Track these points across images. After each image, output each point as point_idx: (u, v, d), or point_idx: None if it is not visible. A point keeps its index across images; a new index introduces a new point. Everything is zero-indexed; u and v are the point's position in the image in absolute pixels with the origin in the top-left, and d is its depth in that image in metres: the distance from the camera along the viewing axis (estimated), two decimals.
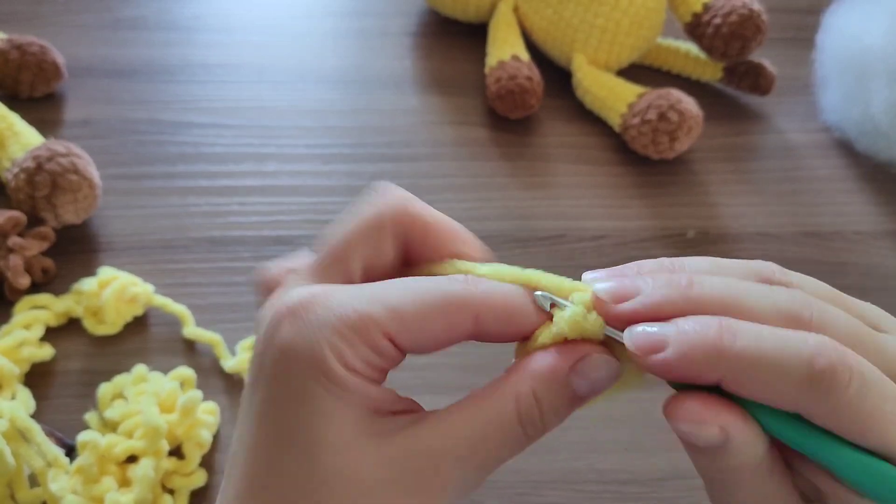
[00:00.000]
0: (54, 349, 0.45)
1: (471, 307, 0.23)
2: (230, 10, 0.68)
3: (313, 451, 0.22)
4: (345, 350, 0.22)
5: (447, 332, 0.23)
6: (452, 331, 0.23)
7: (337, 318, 0.22)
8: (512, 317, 0.23)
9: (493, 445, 0.23)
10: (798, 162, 0.63)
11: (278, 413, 0.22)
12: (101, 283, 0.47)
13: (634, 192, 0.58)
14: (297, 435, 0.22)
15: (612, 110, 0.60)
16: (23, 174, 0.47)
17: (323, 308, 0.22)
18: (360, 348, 0.22)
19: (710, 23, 0.61)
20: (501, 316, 0.23)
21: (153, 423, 0.40)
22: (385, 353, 0.22)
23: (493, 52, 0.62)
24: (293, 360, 0.22)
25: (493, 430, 0.22)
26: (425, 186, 0.56)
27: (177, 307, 0.47)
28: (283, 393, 0.22)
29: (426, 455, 0.22)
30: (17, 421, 0.39)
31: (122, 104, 0.59)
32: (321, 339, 0.22)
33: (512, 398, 0.23)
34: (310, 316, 0.22)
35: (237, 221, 0.53)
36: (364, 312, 0.22)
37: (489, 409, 0.23)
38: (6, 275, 0.46)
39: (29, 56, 0.56)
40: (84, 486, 0.39)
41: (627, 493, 0.44)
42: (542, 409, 0.23)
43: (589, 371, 0.23)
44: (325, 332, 0.22)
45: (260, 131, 0.59)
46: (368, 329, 0.22)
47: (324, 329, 0.22)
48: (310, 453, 0.22)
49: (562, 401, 0.23)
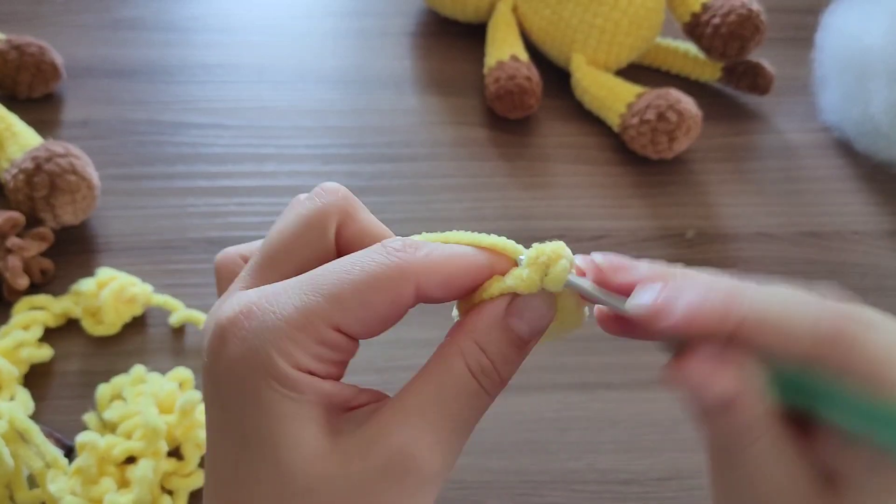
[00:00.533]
0: (53, 350, 0.45)
1: (410, 276, 0.22)
2: (230, 11, 0.68)
3: (276, 457, 0.21)
4: (292, 350, 0.21)
5: (392, 306, 0.22)
6: (397, 303, 0.22)
7: (279, 319, 0.22)
8: (453, 278, 0.23)
9: (454, 407, 0.22)
10: (797, 162, 0.63)
11: (237, 424, 0.22)
12: (99, 283, 0.47)
13: (633, 192, 0.58)
14: (259, 443, 0.22)
15: (610, 110, 0.60)
16: (21, 175, 0.47)
17: (263, 312, 0.22)
18: (308, 345, 0.22)
19: (709, 23, 0.61)
20: (443, 279, 0.23)
21: (152, 424, 0.40)
22: (335, 345, 0.22)
23: (491, 53, 0.62)
24: (243, 369, 0.22)
25: (449, 392, 0.22)
26: (425, 186, 0.56)
27: (173, 301, 0.47)
28: (238, 403, 0.22)
29: (390, 440, 0.21)
30: (15, 422, 0.39)
31: (121, 105, 0.59)
32: (267, 345, 0.21)
33: (458, 355, 0.23)
34: (252, 323, 0.22)
35: (236, 222, 0.53)
36: (304, 308, 0.22)
37: (439, 374, 0.23)
38: (5, 275, 0.46)
39: (28, 56, 0.56)
40: (83, 487, 0.39)
41: (627, 494, 0.44)
42: (491, 358, 0.23)
43: (523, 309, 0.23)
44: (270, 337, 0.21)
45: (259, 131, 0.59)
46: (313, 324, 0.21)
47: (268, 333, 0.21)
48: (273, 460, 0.21)
49: (507, 346, 0.23)
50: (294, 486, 0.21)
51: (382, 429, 0.22)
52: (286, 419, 0.21)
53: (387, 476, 0.21)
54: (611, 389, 0.47)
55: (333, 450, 0.21)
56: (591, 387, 0.47)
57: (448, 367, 0.23)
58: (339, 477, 0.21)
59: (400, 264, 0.22)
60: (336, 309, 0.22)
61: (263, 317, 0.22)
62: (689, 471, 0.45)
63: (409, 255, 0.22)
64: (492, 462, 0.44)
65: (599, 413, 0.46)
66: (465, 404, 0.23)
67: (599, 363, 0.48)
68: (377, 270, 0.22)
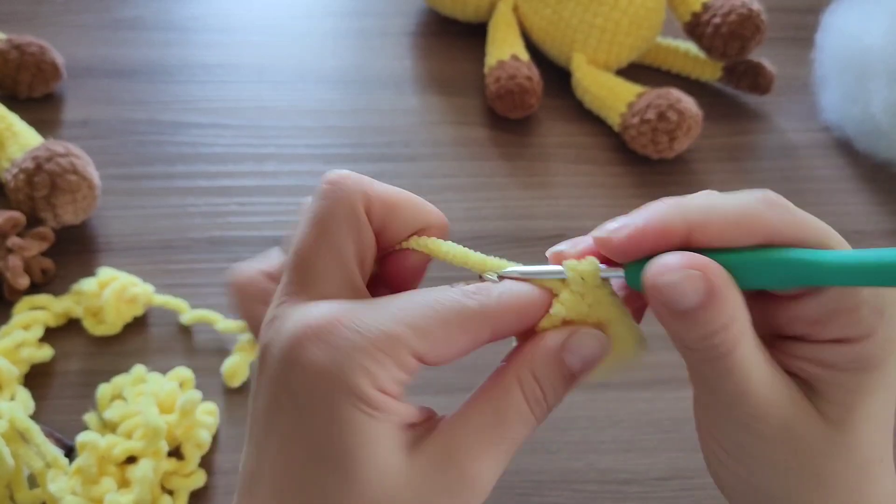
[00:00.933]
0: (53, 350, 0.45)
1: (490, 319, 0.23)
2: (229, 10, 0.68)
3: (352, 469, 0.22)
4: (377, 372, 0.22)
5: (472, 344, 0.24)
6: (474, 344, 0.24)
7: (366, 340, 0.22)
8: (523, 317, 0.24)
9: (509, 429, 0.24)
10: (797, 161, 0.63)
11: (311, 434, 0.22)
12: (100, 283, 0.47)
13: (634, 191, 0.58)
14: (335, 455, 0.22)
15: (611, 110, 0.60)
16: (22, 174, 0.47)
17: (350, 330, 0.22)
18: (390, 369, 0.22)
19: (710, 22, 0.61)
20: (515, 320, 0.24)
21: (152, 424, 0.40)
22: (412, 371, 0.23)
23: (492, 52, 0.62)
24: (325, 383, 0.22)
25: (507, 417, 0.24)
26: (425, 186, 0.56)
27: (176, 301, 0.47)
28: (316, 415, 0.22)
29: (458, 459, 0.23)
30: (16, 422, 0.39)
31: (122, 104, 0.59)
32: (353, 363, 0.22)
33: (516, 383, 0.24)
34: (338, 339, 0.22)
35: (237, 222, 0.53)
36: (392, 334, 0.22)
37: (499, 397, 0.24)
38: (5, 275, 0.46)
39: (28, 56, 0.56)
40: (83, 487, 0.39)
41: (627, 493, 0.44)
42: (543, 389, 0.24)
43: (578, 346, 0.24)
44: (356, 355, 0.22)
45: (259, 131, 0.59)
46: (397, 350, 0.22)
47: (354, 352, 0.22)
48: (348, 472, 0.22)
49: (558, 378, 0.24)
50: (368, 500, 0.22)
51: (451, 448, 0.23)
52: (364, 435, 0.22)
53: (453, 492, 0.23)
54: (611, 389, 0.47)
55: (408, 468, 0.22)
56: (591, 386, 0.47)
57: (506, 392, 0.24)
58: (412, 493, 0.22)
59: (482, 310, 0.23)
60: (420, 340, 0.23)
61: (351, 334, 0.22)
62: (689, 470, 0.44)
63: (486, 299, 0.24)
64: None
65: (600, 413, 0.46)
66: (518, 429, 0.24)
67: None
68: (461, 310, 0.23)
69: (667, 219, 0.23)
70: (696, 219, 0.23)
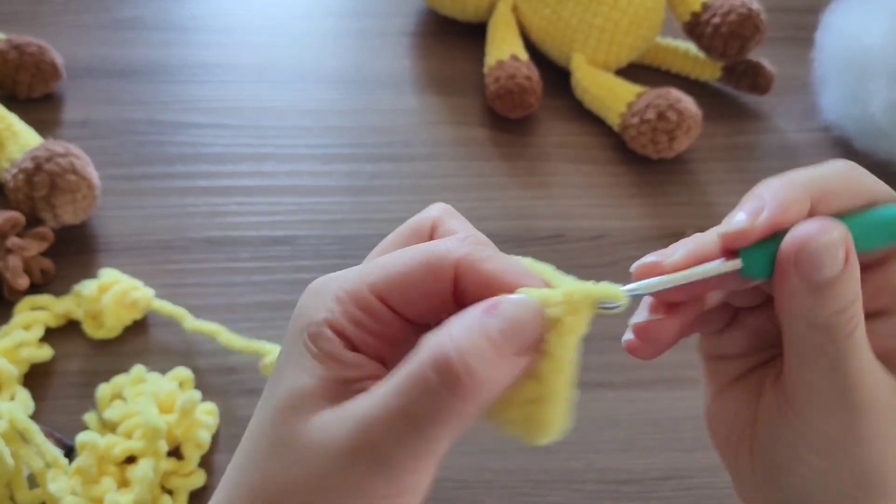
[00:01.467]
0: (53, 350, 0.45)
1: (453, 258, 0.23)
2: (229, 10, 0.68)
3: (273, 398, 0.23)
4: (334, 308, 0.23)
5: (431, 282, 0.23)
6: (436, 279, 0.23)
7: (336, 282, 0.23)
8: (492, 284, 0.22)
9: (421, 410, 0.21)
10: (797, 161, 0.62)
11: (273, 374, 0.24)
12: (101, 286, 0.46)
13: (633, 191, 0.58)
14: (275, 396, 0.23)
15: (611, 110, 0.60)
16: (21, 175, 0.47)
17: (330, 279, 0.24)
18: (349, 307, 0.23)
19: (709, 22, 0.61)
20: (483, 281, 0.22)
21: (152, 424, 0.40)
22: (375, 313, 0.23)
23: (491, 52, 0.62)
24: (293, 324, 0.23)
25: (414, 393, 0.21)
26: (424, 186, 0.56)
27: (176, 309, 0.47)
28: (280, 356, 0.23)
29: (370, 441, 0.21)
30: (16, 422, 0.39)
31: (121, 104, 0.59)
32: (317, 300, 0.23)
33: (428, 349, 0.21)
34: (318, 285, 0.24)
35: (236, 222, 0.53)
36: (358, 273, 0.23)
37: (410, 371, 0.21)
38: (5, 275, 0.46)
39: (27, 56, 0.56)
40: (83, 487, 0.39)
41: (626, 493, 0.44)
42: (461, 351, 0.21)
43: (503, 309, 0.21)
44: (323, 295, 0.23)
45: (259, 131, 0.59)
46: (359, 289, 0.23)
47: (323, 291, 0.23)
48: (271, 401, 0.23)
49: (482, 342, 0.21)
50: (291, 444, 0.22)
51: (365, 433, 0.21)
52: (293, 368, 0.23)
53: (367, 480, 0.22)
54: (610, 389, 0.47)
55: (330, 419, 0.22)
56: (590, 386, 0.47)
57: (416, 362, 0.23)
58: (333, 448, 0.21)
59: (449, 247, 0.23)
60: (381, 278, 0.23)
61: (328, 281, 0.24)
62: (688, 470, 0.45)
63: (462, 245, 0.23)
64: (492, 462, 0.44)
65: (599, 412, 0.46)
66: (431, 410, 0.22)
67: (599, 363, 0.48)
68: (426, 248, 0.23)
69: (796, 195, 0.23)
70: (819, 193, 0.23)
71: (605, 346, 0.49)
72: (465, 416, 0.21)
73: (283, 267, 0.51)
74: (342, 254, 0.52)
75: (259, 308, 0.49)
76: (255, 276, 0.50)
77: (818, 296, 0.22)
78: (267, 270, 0.51)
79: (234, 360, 0.46)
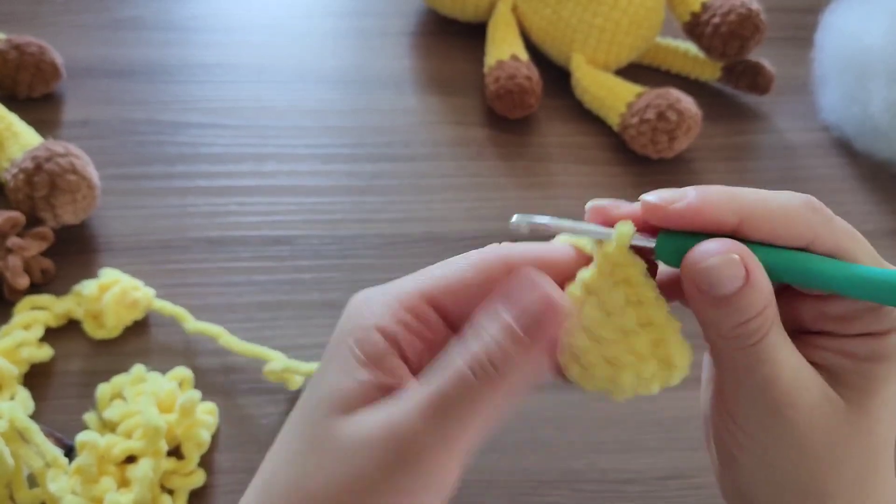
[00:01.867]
0: (53, 350, 0.45)
1: (504, 257, 0.24)
2: (229, 10, 0.68)
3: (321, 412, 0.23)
4: (382, 312, 0.23)
5: (484, 285, 0.24)
6: (489, 284, 0.24)
7: (388, 290, 0.24)
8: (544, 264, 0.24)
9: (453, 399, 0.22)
10: (797, 161, 0.63)
11: (315, 375, 0.24)
12: (101, 286, 0.46)
13: (633, 191, 0.58)
14: (314, 396, 0.23)
15: (610, 110, 0.60)
16: (21, 174, 0.47)
17: (382, 287, 0.24)
18: (396, 309, 0.23)
19: (709, 22, 0.61)
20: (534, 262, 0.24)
21: (152, 424, 0.40)
22: (422, 315, 0.23)
23: (491, 52, 0.62)
24: (340, 327, 0.24)
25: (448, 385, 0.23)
26: (425, 186, 0.56)
27: (176, 309, 0.47)
28: (324, 357, 0.24)
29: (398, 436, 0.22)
30: (16, 421, 0.39)
31: (121, 104, 0.59)
32: (367, 309, 0.24)
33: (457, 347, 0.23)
34: (368, 293, 0.24)
35: (236, 221, 0.53)
36: (409, 281, 0.24)
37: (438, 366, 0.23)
38: (5, 275, 0.46)
39: (27, 56, 0.56)
40: (83, 487, 0.39)
41: (628, 493, 0.44)
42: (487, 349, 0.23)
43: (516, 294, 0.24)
44: (374, 303, 0.24)
45: (259, 131, 0.59)
46: (409, 294, 0.23)
47: (373, 300, 0.24)
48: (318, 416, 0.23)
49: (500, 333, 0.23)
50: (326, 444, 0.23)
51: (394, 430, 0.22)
52: (336, 371, 0.23)
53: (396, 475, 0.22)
54: None
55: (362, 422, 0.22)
56: None
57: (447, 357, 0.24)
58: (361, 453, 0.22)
59: (497, 249, 0.24)
60: (432, 280, 0.24)
61: (378, 289, 0.24)
62: (690, 470, 0.44)
63: (507, 247, 0.25)
64: (492, 461, 0.44)
65: (600, 412, 0.46)
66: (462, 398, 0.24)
67: None
68: (478, 252, 0.24)
69: (722, 205, 0.23)
70: (748, 212, 0.23)
71: None
72: (496, 407, 0.23)
73: (283, 267, 0.51)
74: (342, 254, 0.52)
75: (259, 308, 0.49)
76: (256, 276, 0.50)
77: (718, 308, 0.23)
78: (267, 270, 0.51)
79: (234, 360, 0.46)
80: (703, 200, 0.24)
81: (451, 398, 0.22)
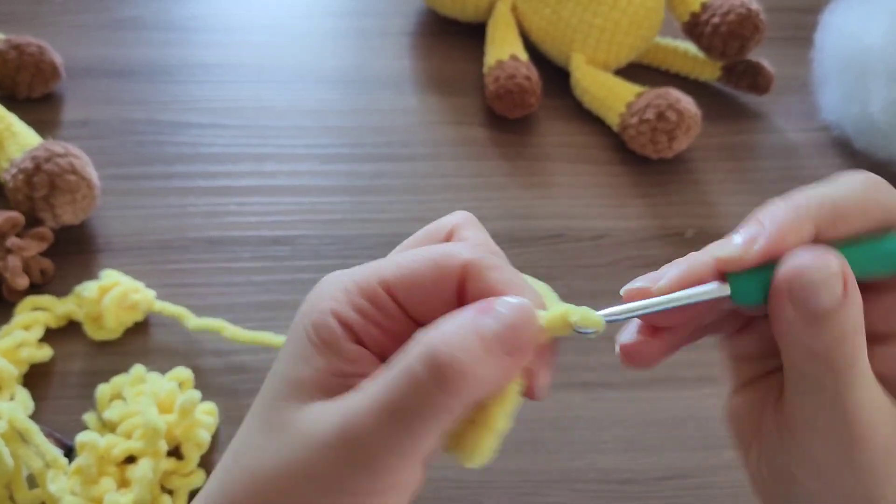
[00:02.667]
0: (53, 350, 0.45)
1: (462, 259, 0.23)
2: (229, 10, 0.68)
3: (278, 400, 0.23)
4: (340, 298, 0.23)
5: (437, 276, 0.23)
6: (442, 275, 0.23)
7: (347, 276, 0.23)
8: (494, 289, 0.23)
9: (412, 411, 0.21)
10: (797, 161, 0.63)
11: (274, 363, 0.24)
12: (101, 288, 0.46)
13: (633, 191, 0.58)
14: (272, 383, 0.23)
15: (610, 110, 0.60)
16: (21, 175, 0.47)
17: (342, 272, 0.24)
18: (354, 297, 0.23)
19: (709, 22, 0.61)
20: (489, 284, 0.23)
21: (152, 424, 0.40)
22: (380, 303, 0.23)
23: (491, 52, 0.62)
24: (300, 313, 0.24)
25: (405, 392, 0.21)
26: (424, 186, 0.56)
27: (177, 309, 0.47)
28: (284, 345, 0.24)
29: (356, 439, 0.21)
30: (15, 422, 0.39)
31: (121, 104, 0.59)
32: (326, 294, 0.23)
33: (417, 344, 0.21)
34: (328, 278, 0.24)
35: (236, 221, 0.53)
36: (370, 269, 0.23)
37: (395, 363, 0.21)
38: (4, 276, 0.46)
39: (27, 56, 0.56)
40: (83, 487, 0.39)
41: (628, 493, 0.44)
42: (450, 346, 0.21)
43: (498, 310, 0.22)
44: (333, 289, 0.23)
45: (258, 131, 0.59)
46: (368, 282, 0.23)
47: (333, 285, 0.23)
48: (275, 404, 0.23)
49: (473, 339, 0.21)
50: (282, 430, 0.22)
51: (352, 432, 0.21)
52: (293, 357, 0.23)
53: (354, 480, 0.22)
54: (612, 389, 0.47)
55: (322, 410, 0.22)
56: (591, 386, 0.47)
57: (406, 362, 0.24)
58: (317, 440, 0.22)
59: (460, 250, 0.23)
60: (390, 270, 0.23)
61: (339, 274, 0.24)
62: (690, 470, 0.45)
63: (472, 250, 0.23)
64: (492, 461, 0.44)
65: (600, 412, 0.46)
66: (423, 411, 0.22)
67: (600, 362, 0.48)
68: (437, 248, 0.24)
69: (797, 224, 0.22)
70: (825, 218, 0.23)
71: (607, 346, 0.50)
72: (451, 414, 0.21)
73: (283, 267, 0.51)
74: (342, 254, 0.52)
75: (259, 308, 0.49)
76: (255, 276, 0.50)
77: (815, 326, 0.22)
78: (267, 270, 0.51)
79: (234, 360, 0.46)
80: (780, 229, 0.22)
81: (408, 405, 0.20)
